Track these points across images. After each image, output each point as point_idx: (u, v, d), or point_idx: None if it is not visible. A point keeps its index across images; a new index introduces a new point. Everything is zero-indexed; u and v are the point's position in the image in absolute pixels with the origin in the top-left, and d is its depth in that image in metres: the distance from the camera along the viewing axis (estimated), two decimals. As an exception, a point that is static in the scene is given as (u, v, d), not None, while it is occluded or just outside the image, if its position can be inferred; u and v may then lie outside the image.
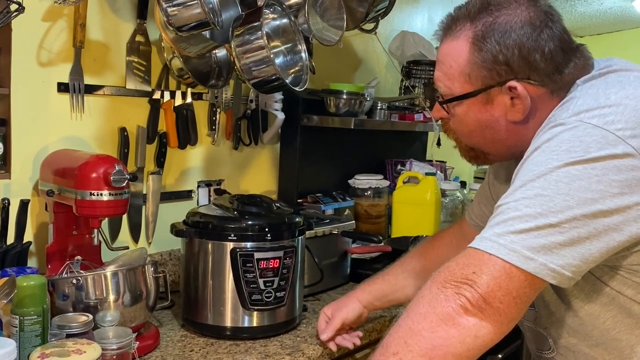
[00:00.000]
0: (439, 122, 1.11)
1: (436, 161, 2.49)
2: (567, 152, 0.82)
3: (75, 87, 1.41)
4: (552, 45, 0.93)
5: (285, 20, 1.52)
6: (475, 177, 2.77)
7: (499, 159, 1.08)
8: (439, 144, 2.28)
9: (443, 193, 2.22)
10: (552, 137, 0.85)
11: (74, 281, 1.13)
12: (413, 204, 2.07)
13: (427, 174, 2.11)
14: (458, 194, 2.33)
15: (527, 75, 0.93)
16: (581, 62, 0.96)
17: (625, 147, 0.81)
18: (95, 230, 1.26)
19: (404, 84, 2.32)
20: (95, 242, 1.27)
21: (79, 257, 1.26)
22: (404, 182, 2.11)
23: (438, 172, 2.30)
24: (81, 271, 1.22)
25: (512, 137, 0.99)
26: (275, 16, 1.52)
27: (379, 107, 2.11)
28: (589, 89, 0.90)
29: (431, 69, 2.16)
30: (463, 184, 2.45)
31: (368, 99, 2.00)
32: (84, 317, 1.05)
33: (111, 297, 1.16)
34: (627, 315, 0.91)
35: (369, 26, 1.93)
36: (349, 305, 1.26)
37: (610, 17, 3.56)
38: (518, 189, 0.84)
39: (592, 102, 0.86)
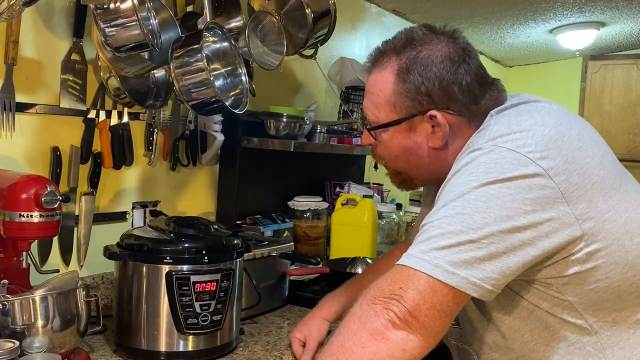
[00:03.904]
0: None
1: (373, 184, 2.55)
2: (484, 174, 0.88)
3: (6, 105, 1.37)
4: (469, 79, 1.01)
5: (225, 44, 1.53)
6: (411, 200, 2.84)
7: (424, 183, 1.16)
8: (376, 167, 2.33)
9: (380, 215, 2.27)
10: (470, 160, 0.92)
11: (0, 306, 1.08)
12: (351, 226, 2.10)
13: (364, 196, 2.15)
14: (394, 216, 2.38)
15: (447, 106, 1.01)
16: (495, 94, 1.04)
17: (536, 167, 0.88)
18: (24, 253, 1.22)
19: (342, 108, 2.37)
20: (24, 265, 1.23)
21: (5, 281, 1.20)
22: (343, 204, 2.14)
23: (375, 194, 2.35)
24: (7, 296, 1.17)
25: (434, 162, 1.06)
26: (216, 39, 1.52)
27: (318, 131, 2.15)
28: (502, 118, 0.98)
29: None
30: (399, 206, 2.52)
31: (308, 122, 2.03)
32: (9, 344, 1.00)
33: (40, 323, 1.12)
34: (543, 328, 0.97)
35: (308, 52, 1.97)
36: (319, 326, 1.29)
37: (537, 49, 3.78)
38: (440, 209, 0.90)
39: (505, 129, 0.93)
